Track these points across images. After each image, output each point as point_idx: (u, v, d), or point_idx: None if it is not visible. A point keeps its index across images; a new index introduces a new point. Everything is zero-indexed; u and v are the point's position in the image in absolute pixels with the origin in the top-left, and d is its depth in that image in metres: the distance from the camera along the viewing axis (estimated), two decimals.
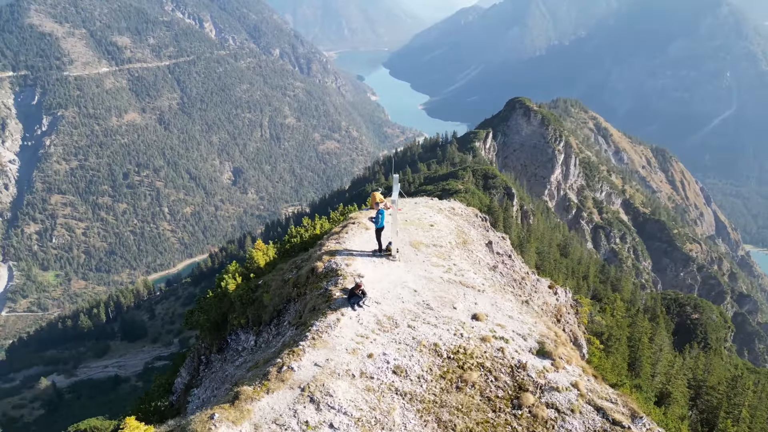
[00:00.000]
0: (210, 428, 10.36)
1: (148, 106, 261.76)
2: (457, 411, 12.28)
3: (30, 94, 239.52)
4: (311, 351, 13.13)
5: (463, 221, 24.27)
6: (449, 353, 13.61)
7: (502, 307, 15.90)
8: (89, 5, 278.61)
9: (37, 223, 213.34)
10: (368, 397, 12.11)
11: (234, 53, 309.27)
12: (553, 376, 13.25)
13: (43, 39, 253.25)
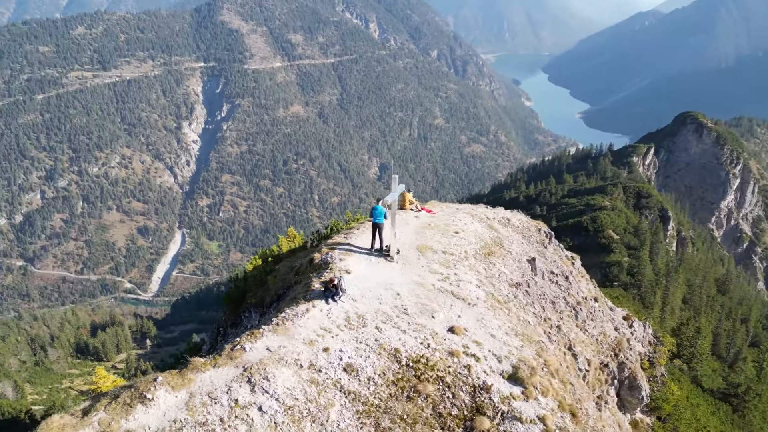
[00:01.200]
0: (150, 388, 11.13)
1: (311, 100, 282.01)
2: (401, 420, 11.90)
3: (215, 83, 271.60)
4: (269, 336, 13.30)
5: (516, 234, 22.88)
6: (409, 361, 13.14)
7: (489, 324, 14.97)
8: (272, 5, 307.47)
9: (209, 198, 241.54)
10: (309, 389, 12.07)
11: (394, 53, 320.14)
12: (520, 405, 12.32)
13: (231, 35, 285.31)
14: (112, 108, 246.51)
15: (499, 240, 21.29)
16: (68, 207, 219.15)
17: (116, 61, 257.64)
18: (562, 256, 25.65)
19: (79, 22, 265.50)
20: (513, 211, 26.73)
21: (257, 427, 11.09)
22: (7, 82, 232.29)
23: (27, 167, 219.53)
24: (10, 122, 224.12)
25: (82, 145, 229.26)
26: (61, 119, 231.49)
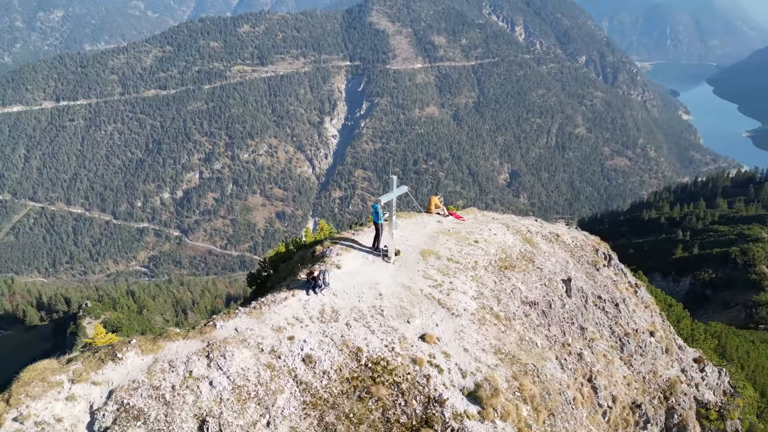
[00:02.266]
0: (123, 349, 12.06)
1: (447, 101, 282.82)
2: (346, 418, 11.66)
3: (358, 81, 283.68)
4: (242, 317, 13.52)
5: (562, 251, 21.02)
6: (369, 361, 12.80)
7: (467, 337, 14.15)
8: (419, 7, 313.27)
9: (342, 191, 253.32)
10: (263, 373, 12.11)
11: (538, 57, 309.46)
12: (472, 425, 11.71)
13: (377, 35, 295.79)
14: (265, 100, 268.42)
15: (530, 255, 20.17)
16: (220, 188, 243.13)
17: (273, 58, 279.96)
18: (622, 281, 23.49)
19: (245, 21, 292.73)
20: (571, 228, 25.18)
21: (203, 400, 11.64)
22: (181, 72, 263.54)
23: (190, 149, 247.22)
24: (180, 108, 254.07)
25: (237, 133, 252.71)
26: (221, 108, 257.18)
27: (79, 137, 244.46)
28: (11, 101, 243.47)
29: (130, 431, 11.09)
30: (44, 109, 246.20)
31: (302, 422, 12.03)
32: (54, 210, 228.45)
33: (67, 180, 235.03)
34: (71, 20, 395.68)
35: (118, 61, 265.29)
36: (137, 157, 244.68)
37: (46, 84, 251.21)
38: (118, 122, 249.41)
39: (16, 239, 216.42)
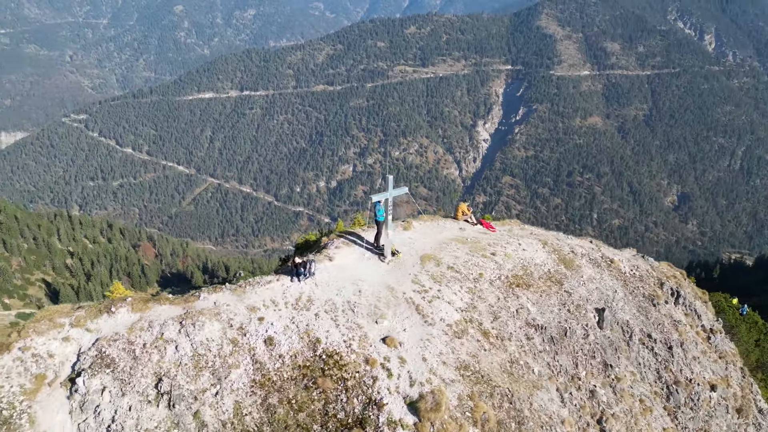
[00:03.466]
0: (117, 304, 13.53)
1: (614, 112, 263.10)
2: (288, 403, 11.91)
3: (517, 86, 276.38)
4: (225, 293, 14.40)
5: (611, 279, 18.55)
6: (323, 353, 12.92)
7: (431, 347, 13.64)
8: (593, 11, 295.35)
9: (486, 196, 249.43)
10: (225, 347, 12.88)
11: (728, 70, 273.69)
12: None
13: (544, 40, 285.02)
14: (422, 101, 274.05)
15: (560, 277, 18.48)
16: (370, 181, 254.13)
17: (434, 59, 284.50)
18: (691, 323, 20.52)
19: (412, 22, 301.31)
20: (636, 255, 22.36)
21: (165, 361, 12.97)
22: (348, 70, 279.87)
23: (347, 143, 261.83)
24: (343, 104, 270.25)
25: (392, 131, 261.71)
26: (380, 106, 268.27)
27: (255, 124, 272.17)
28: (205, 88, 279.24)
29: (99, 376, 12.76)
30: (230, 97, 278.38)
31: (247, 399, 12.67)
32: (228, 187, 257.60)
33: (241, 162, 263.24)
34: (261, 18, 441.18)
35: (294, 57, 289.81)
36: (301, 147, 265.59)
37: (233, 75, 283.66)
38: (288, 113, 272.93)
39: (195, 209, 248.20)
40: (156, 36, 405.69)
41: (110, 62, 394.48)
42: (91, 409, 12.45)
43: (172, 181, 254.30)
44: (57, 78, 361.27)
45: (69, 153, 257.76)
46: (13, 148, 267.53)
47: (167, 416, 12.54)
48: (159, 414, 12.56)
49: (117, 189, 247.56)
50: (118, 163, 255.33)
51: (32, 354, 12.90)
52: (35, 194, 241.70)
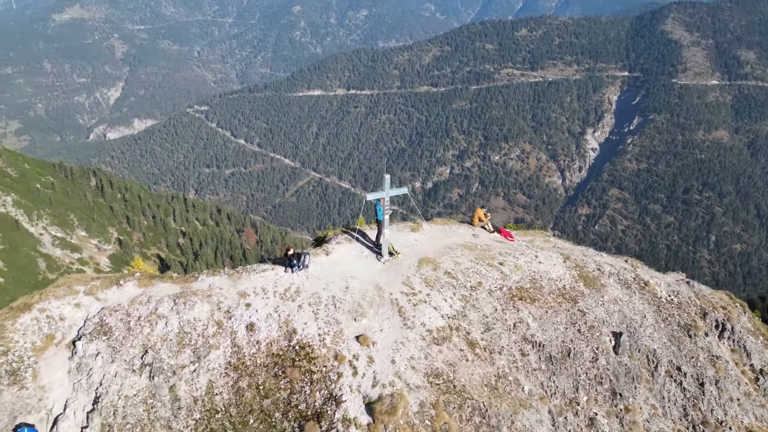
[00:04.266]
0: (126, 278, 14.81)
1: (744, 127, 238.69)
2: (256, 388, 12.31)
3: (633, 94, 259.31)
4: (222, 277, 15.11)
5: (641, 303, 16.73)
6: (297, 344, 13.18)
7: (403, 350, 13.34)
8: (727, 16, 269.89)
9: (590, 208, 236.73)
10: (210, 328, 13.50)
11: None
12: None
13: (668, 46, 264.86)
14: (527, 105, 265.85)
15: (575, 295, 17.09)
16: (466, 185, 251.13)
17: (544, 63, 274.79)
18: (737, 361, 18.19)
19: (523, 25, 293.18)
20: (681, 280, 19.91)
21: (154, 334, 13.87)
22: (453, 72, 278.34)
23: (447, 145, 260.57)
24: (446, 105, 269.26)
25: (493, 135, 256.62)
26: (483, 109, 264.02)
27: (358, 123, 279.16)
28: (315, 86, 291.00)
29: (96, 342, 14.00)
30: (337, 95, 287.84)
31: (220, 379, 13.29)
32: (328, 182, 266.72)
33: (342, 158, 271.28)
34: (372, 19, 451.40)
35: (401, 57, 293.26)
36: (400, 146, 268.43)
37: (342, 74, 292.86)
38: (391, 113, 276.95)
39: (297, 200, 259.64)
40: (274, 34, 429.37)
41: (232, 58, 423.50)
42: (85, 372, 13.66)
43: (278, 173, 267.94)
44: (185, 71, 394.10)
45: (190, 141, 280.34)
46: (143, 134, 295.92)
47: (146, 386, 13.47)
48: (140, 383, 13.54)
49: (228, 177, 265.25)
50: (231, 153, 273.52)
51: (47, 316, 14.36)
52: (159, 177, 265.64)
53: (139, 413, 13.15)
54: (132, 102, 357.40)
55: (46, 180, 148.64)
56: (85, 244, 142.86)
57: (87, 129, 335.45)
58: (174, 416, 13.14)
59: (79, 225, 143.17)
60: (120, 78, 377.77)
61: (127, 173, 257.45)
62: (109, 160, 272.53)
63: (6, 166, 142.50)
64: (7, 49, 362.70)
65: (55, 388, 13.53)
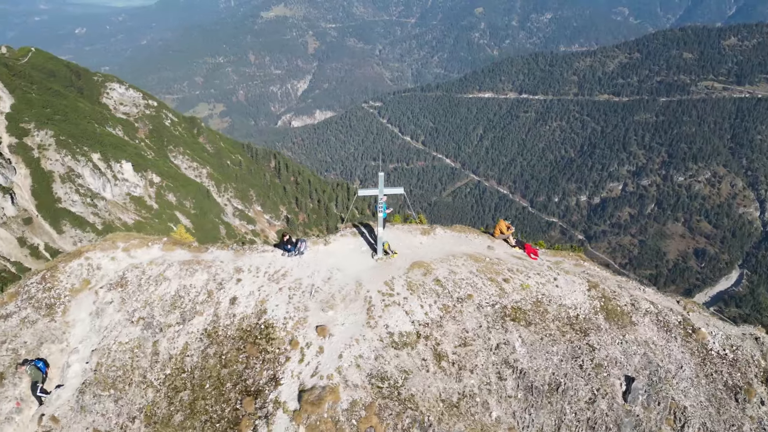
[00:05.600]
0: (155, 242, 16.67)
1: None
2: (219, 357, 13.28)
3: None
4: (228, 253, 16.71)
5: (683, 353, 14.01)
6: (263, 324, 13.88)
7: (355, 348, 13.17)
8: None
9: None
10: (201, 295, 14.70)
11: None
12: (280, 418, 11.62)
13: None
14: (726, 124, 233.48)
15: (588, 327, 14.93)
16: (640, 205, 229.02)
17: (755, 77, 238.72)
18: None
19: (733, 33, 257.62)
20: (749, 335, 15.92)
21: (155, 293, 15.37)
22: (640, 81, 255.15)
23: (622, 159, 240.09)
24: (626, 117, 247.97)
25: (679, 153, 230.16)
26: (671, 124, 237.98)
27: (526, 128, 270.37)
28: (486, 88, 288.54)
29: (112, 292, 16.08)
30: (507, 98, 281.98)
31: (195, 343, 14.47)
32: (486, 185, 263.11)
33: (504, 163, 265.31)
34: (556, 22, 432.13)
35: (583, 63, 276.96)
36: (568, 156, 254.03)
37: (516, 77, 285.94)
38: (563, 120, 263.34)
39: (452, 201, 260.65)
40: (453, 35, 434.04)
41: (409, 57, 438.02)
42: (100, 316, 15.84)
43: (437, 172, 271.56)
44: (365, 68, 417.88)
45: (361, 134, 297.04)
46: (322, 124, 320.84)
47: (137, 337, 15.18)
48: (132, 333, 15.25)
49: (391, 171, 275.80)
50: (396, 149, 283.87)
51: (89, 264, 16.83)
52: (330, 165, 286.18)
53: (125, 359, 14.93)
54: (316, 94, 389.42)
55: (235, 158, 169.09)
56: (259, 218, 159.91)
57: (276, 116, 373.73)
58: (150, 368, 14.72)
59: (257, 200, 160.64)
60: (309, 72, 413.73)
61: (305, 159, 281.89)
62: (291, 145, 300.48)
63: (206, 143, 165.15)
64: (222, 42, 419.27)
65: (77, 325, 15.88)
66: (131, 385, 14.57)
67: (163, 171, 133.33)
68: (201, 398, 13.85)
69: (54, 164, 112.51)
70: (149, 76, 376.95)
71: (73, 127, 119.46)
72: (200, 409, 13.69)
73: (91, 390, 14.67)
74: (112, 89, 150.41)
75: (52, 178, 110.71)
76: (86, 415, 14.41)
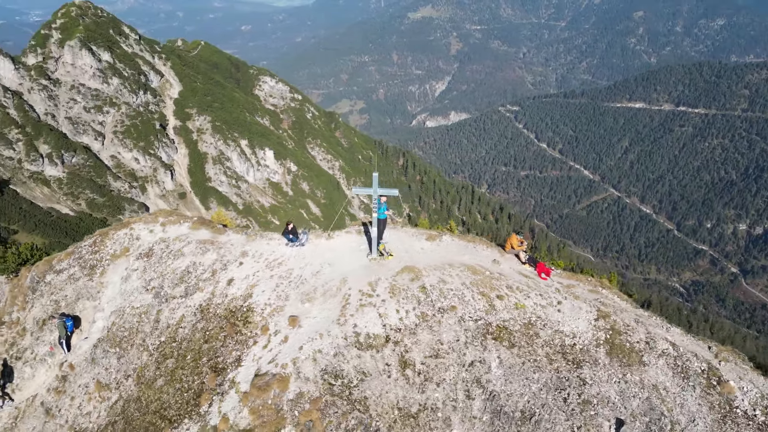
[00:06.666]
0: (186, 219, 18.52)
1: None
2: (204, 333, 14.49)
3: None
4: (241, 237, 18.20)
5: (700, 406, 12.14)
6: (246, 307, 14.95)
7: (316, 343, 13.11)
8: None
9: None
10: (206, 273, 16.17)
11: None
12: (231, 397, 12.26)
13: None
14: None
15: (582, 359, 13.56)
16: None
17: None
18: None
19: None
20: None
21: (170, 266, 17.24)
22: None
23: None
24: None
25: None
26: None
27: (681, 143, 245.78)
28: (637, 98, 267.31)
29: (139, 261, 18.12)
30: (661, 110, 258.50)
31: (189, 317, 15.58)
32: (627, 202, 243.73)
33: (651, 180, 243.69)
34: (729, 29, 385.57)
35: (757, 75, 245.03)
36: (729, 178, 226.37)
37: (673, 87, 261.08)
38: (725, 138, 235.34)
39: (586, 215, 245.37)
40: (605, 40, 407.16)
41: (555, 62, 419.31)
42: (127, 281, 17.79)
43: (573, 183, 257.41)
44: (507, 71, 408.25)
45: (494, 138, 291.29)
46: (455, 126, 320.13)
47: (147, 305, 16.76)
48: (144, 300, 16.87)
49: (522, 178, 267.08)
50: (530, 155, 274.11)
51: (131, 234, 19.10)
52: (459, 167, 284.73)
53: (133, 322, 16.62)
54: (453, 96, 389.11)
55: (367, 153, 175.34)
56: None
57: (412, 115, 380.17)
58: (150, 333, 16.21)
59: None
60: (448, 73, 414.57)
61: (434, 159, 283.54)
62: (422, 145, 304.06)
63: (342, 137, 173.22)
64: (368, 41, 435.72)
65: (109, 287, 17.98)
66: (133, 347, 16.30)
67: (301, 161, 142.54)
68: (181, 368, 14.92)
69: (208, 147, 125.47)
70: (300, 71, 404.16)
71: (227, 115, 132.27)
72: (178, 378, 14.74)
73: (102, 345, 16.72)
74: (264, 82, 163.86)
75: (205, 159, 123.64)
76: (94, 367, 16.47)
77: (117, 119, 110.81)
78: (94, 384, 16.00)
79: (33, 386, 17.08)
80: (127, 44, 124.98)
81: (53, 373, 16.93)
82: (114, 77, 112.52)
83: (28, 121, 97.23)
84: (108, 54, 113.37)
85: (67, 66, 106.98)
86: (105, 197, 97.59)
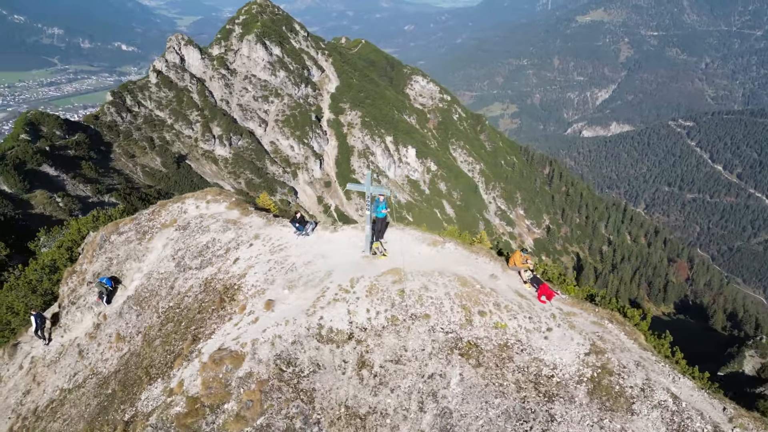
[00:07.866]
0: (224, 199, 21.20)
1: None
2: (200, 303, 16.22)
3: None
4: (261, 220, 19.84)
5: None
6: (237, 285, 16.21)
7: (280, 329, 13.72)
8: None
9: None
10: (220, 250, 18.07)
11: None
12: (190, 370, 13.34)
13: None
14: None
15: (556, 394, 12.30)
16: None
17: None
18: None
19: None
20: None
21: (195, 240, 18.99)
22: None
23: None
24: None
25: None
26: None
27: None
28: None
29: (176, 232, 20.06)
30: None
31: (196, 288, 17.01)
32: None
33: None
34: None
35: None
36: None
37: None
38: None
39: (762, 251, 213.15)
40: None
41: (744, 75, 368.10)
42: (165, 248, 19.72)
43: (751, 213, 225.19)
44: (683, 82, 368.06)
45: (659, 155, 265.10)
46: (615, 138, 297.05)
47: (169, 272, 18.45)
48: (169, 268, 18.60)
49: (688, 202, 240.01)
50: (701, 177, 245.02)
51: (182, 207, 21.21)
52: (613, 182, 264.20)
53: (155, 286, 18.37)
54: (617, 105, 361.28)
55: (510, 159, 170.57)
56: (519, 222, 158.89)
57: (567, 123, 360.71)
58: (164, 297, 17.74)
59: (521, 204, 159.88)
60: (614, 81, 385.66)
61: (587, 171, 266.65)
62: (575, 155, 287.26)
63: (486, 140, 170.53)
64: (529, 44, 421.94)
65: (152, 252, 20.00)
66: (149, 308, 18.01)
67: (441, 161, 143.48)
68: (174, 332, 16.14)
69: (356, 141, 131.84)
70: (456, 72, 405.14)
71: (377, 111, 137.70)
72: (170, 341, 15.96)
73: (129, 303, 18.69)
74: (415, 81, 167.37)
75: (352, 152, 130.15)
76: (119, 320, 18.51)
77: (279, 109, 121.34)
78: (115, 335, 18.15)
79: (79, 329, 19.84)
80: (296, 40, 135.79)
81: (93, 321, 19.60)
82: (281, 70, 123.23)
83: (207, 105, 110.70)
84: (278, 48, 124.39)
85: (243, 58, 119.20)
86: (261, 178, 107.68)
